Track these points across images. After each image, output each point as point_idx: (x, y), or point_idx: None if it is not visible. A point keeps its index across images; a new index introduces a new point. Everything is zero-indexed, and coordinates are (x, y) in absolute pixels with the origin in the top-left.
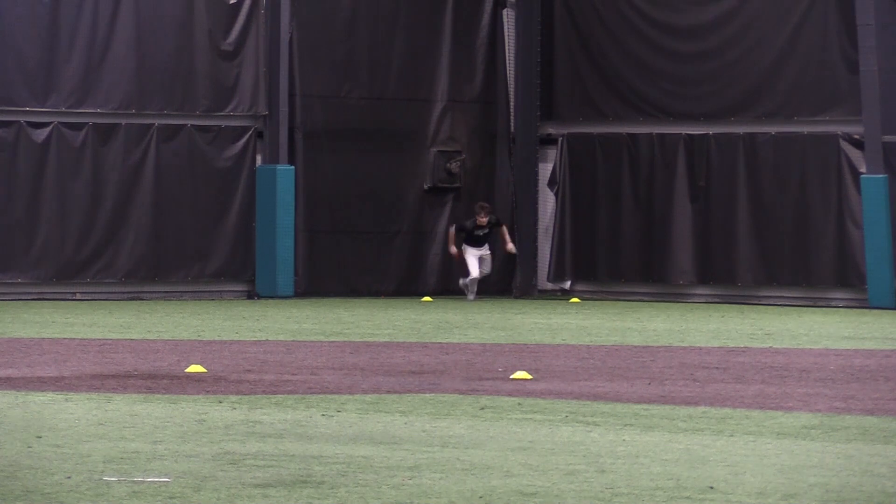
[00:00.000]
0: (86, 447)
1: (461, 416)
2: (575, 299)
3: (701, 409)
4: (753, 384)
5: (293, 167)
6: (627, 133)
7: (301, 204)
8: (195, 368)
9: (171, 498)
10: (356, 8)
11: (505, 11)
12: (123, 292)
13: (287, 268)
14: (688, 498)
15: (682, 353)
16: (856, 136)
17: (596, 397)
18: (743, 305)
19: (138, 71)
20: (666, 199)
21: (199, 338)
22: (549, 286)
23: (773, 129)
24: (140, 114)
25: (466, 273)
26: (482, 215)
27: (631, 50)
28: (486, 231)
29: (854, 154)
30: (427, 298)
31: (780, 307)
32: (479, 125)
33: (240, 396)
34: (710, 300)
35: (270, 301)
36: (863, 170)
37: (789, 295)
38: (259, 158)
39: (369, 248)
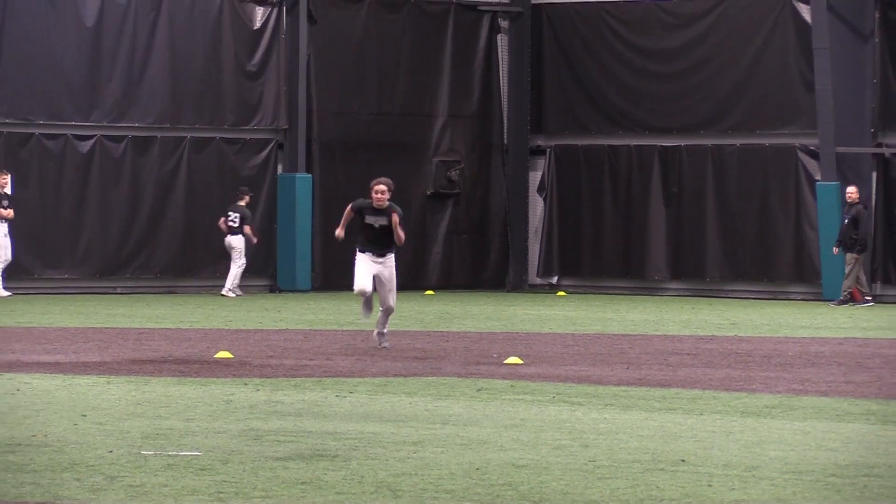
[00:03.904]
0: (125, 424)
1: (460, 396)
2: (561, 293)
3: (673, 390)
4: (720, 368)
5: (310, 175)
6: (608, 145)
7: (317, 208)
8: (223, 354)
9: (201, 470)
10: (366, 34)
11: (499, 36)
12: (159, 287)
13: (305, 265)
14: (662, 470)
15: (657, 340)
16: (811, 148)
17: (580, 380)
18: (711, 298)
19: (172, 89)
20: (642, 204)
21: (227, 327)
22: (539, 281)
23: (737, 142)
24: (174, 128)
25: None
26: (379, 192)
27: (611, 71)
28: (387, 225)
29: (810, 163)
30: (429, 292)
31: (744, 300)
32: (476, 138)
33: (263, 379)
34: (681, 294)
35: (290, 294)
36: (818, 178)
37: (752, 289)
38: (280, 167)
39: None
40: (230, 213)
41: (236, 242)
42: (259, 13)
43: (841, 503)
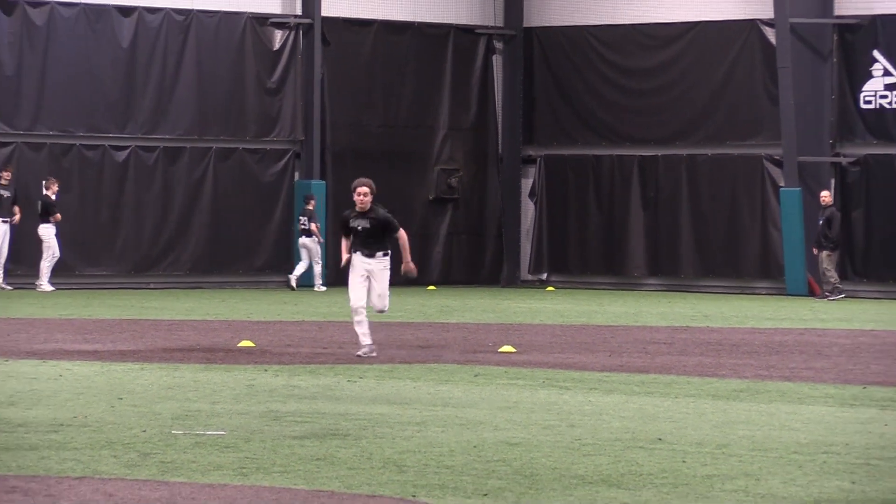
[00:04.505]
0: (157, 407)
1: (459, 381)
2: (550, 288)
3: (651, 376)
4: (693, 356)
5: (324, 182)
6: (592, 154)
7: (330, 212)
8: (246, 343)
9: (226, 447)
10: (374, 54)
11: (494, 57)
12: (187, 282)
13: (322, 267)
14: (641, 447)
15: (636, 331)
16: (776, 157)
17: (567, 366)
18: (685, 293)
19: (199, 104)
20: (623, 207)
21: (249, 319)
22: (530, 277)
23: (709, 151)
24: (201, 139)
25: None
26: (361, 193)
27: (595, 88)
28: (369, 227)
29: (775, 171)
30: (431, 287)
31: (714, 294)
32: (473, 148)
33: (281, 366)
34: (658, 289)
35: (306, 290)
36: (781, 184)
37: (722, 284)
38: (297, 175)
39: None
40: (300, 217)
41: (310, 244)
42: (278, 36)
43: (802, 477)
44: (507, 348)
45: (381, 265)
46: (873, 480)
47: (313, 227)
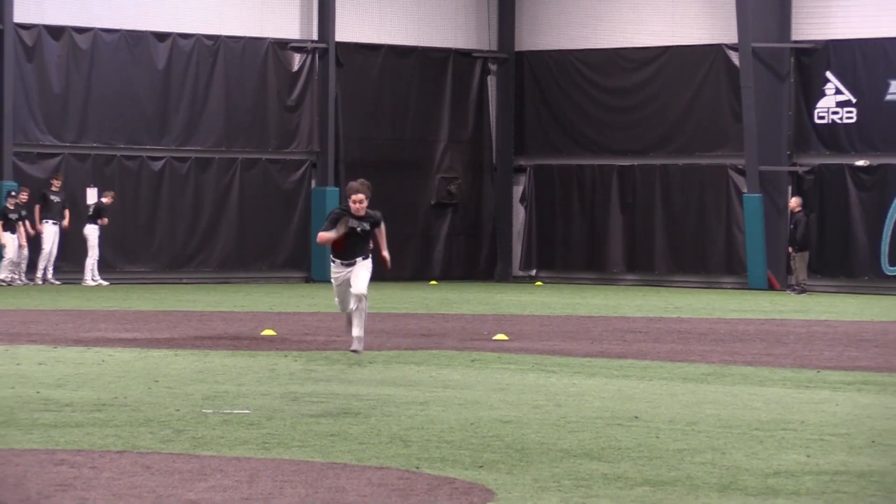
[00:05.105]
0: (189, 388)
1: (457, 366)
2: (539, 283)
3: (629, 361)
4: (666, 343)
5: (338, 188)
6: (576, 164)
7: None
8: (268, 332)
9: (250, 425)
10: (382, 75)
11: (489, 77)
12: (216, 278)
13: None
14: (619, 424)
15: (615, 321)
16: (739, 167)
17: (554, 353)
18: (659, 287)
19: (227, 120)
20: (603, 211)
21: (271, 310)
22: (520, 273)
23: (680, 162)
24: (228, 150)
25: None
26: (359, 195)
27: (579, 105)
28: (369, 229)
29: (738, 179)
30: (433, 282)
31: (685, 288)
32: (470, 158)
33: (300, 352)
34: (635, 284)
35: (322, 284)
36: (744, 190)
37: (692, 279)
38: (313, 182)
39: (392, 246)
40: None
41: None
42: (297, 59)
43: (763, 451)
44: (500, 336)
45: (363, 266)
46: (826, 454)
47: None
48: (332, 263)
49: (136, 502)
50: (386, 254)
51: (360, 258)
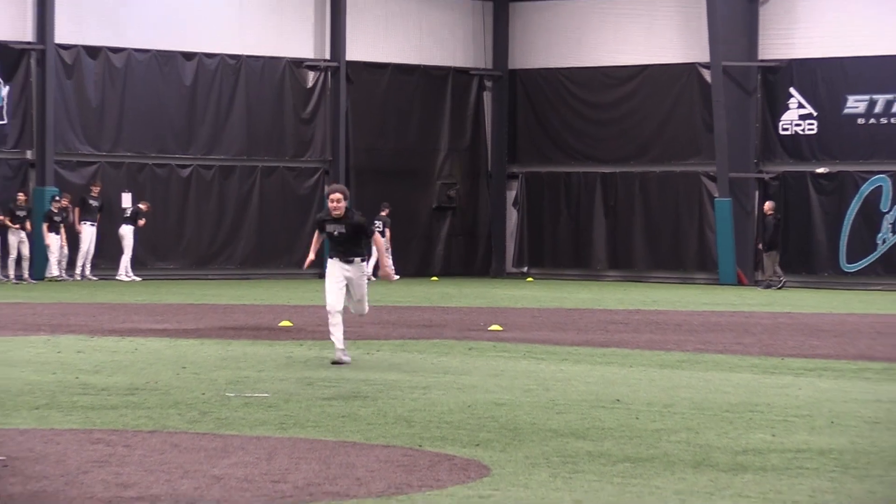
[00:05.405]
0: (214, 374)
1: (456, 354)
2: (530, 279)
3: (611, 349)
4: (645, 333)
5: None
6: (564, 171)
7: None
8: (285, 323)
9: (269, 407)
10: (388, 91)
11: (485, 93)
12: (238, 274)
13: None
14: (602, 406)
15: (599, 313)
16: (711, 174)
17: (543, 342)
18: (638, 283)
19: (248, 131)
20: (588, 214)
21: (288, 303)
22: (513, 270)
23: (657, 169)
24: (250, 159)
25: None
26: (334, 200)
27: (566, 118)
28: (345, 232)
29: (710, 185)
30: (434, 278)
31: (662, 283)
32: (468, 166)
33: (314, 341)
34: (617, 279)
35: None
36: (716, 195)
37: (668, 275)
38: (326, 188)
39: (397, 245)
40: (376, 221)
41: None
42: (311, 76)
43: (732, 431)
44: (495, 327)
45: (359, 272)
46: (790, 433)
47: (387, 232)
48: (328, 260)
49: (165, 477)
50: (387, 270)
51: (357, 259)
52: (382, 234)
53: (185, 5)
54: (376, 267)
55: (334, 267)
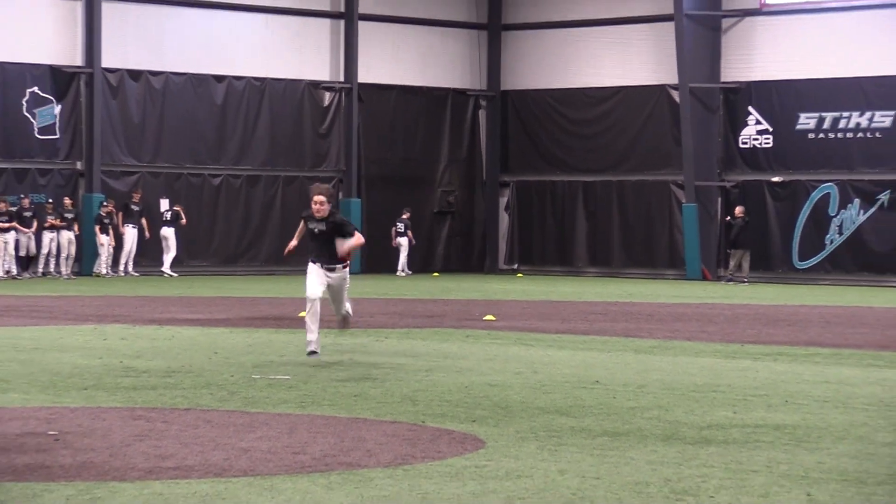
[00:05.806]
0: (241, 358)
1: (455, 340)
2: (520, 275)
3: (591, 337)
4: (621, 322)
5: (360, 199)
6: (550, 180)
7: (364, 220)
8: (304, 314)
9: (290, 387)
10: (395, 109)
11: (480, 111)
12: (263, 270)
13: (357, 256)
14: (583, 387)
15: (580, 304)
16: (679, 182)
17: (532, 330)
18: (615, 278)
19: (271, 145)
20: (571, 217)
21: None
22: (505, 267)
23: (632, 178)
24: (273, 169)
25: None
26: (317, 202)
27: (552, 133)
28: (325, 230)
29: (678, 192)
30: (435, 274)
31: (636, 279)
32: (465, 175)
33: (330, 329)
34: (596, 275)
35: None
36: (683, 201)
37: (642, 272)
38: (341, 194)
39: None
40: (398, 223)
41: (403, 242)
42: (327, 96)
43: (698, 409)
44: (489, 317)
45: (340, 277)
46: (749, 411)
47: (409, 233)
48: (310, 264)
49: (198, 449)
50: (343, 252)
51: (339, 265)
52: (405, 234)
53: (217, 34)
54: (409, 260)
55: (316, 269)
